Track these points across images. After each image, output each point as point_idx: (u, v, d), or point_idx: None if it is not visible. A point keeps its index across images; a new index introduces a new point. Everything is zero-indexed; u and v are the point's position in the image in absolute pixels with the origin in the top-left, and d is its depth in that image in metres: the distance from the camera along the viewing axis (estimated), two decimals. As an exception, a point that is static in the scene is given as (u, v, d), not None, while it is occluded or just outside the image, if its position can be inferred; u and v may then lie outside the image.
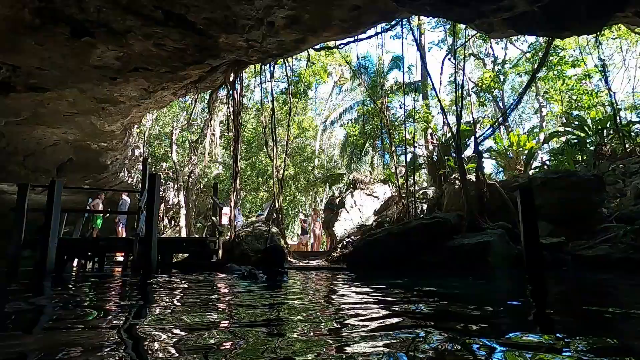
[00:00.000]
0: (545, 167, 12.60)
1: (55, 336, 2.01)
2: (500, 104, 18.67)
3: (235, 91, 10.48)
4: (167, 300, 3.41)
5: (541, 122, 19.33)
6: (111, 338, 1.87)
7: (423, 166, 13.53)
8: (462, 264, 5.90)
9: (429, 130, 12.27)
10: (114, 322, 2.38)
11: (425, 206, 9.81)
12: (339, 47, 10.52)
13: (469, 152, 11.93)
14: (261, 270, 4.76)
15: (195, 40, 7.66)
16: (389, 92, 14.34)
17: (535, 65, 11.05)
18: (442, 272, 5.65)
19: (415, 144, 12.19)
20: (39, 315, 2.85)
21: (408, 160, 10.88)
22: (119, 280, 6.14)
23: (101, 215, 12.46)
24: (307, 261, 9.04)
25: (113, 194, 13.34)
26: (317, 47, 9.89)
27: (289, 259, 8.80)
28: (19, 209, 7.60)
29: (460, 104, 8.29)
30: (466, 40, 10.32)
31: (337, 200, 11.75)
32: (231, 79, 10.48)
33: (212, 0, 6.65)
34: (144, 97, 10.14)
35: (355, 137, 16.28)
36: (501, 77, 13.60)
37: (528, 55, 15.59)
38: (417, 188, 11.18)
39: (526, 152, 11.71)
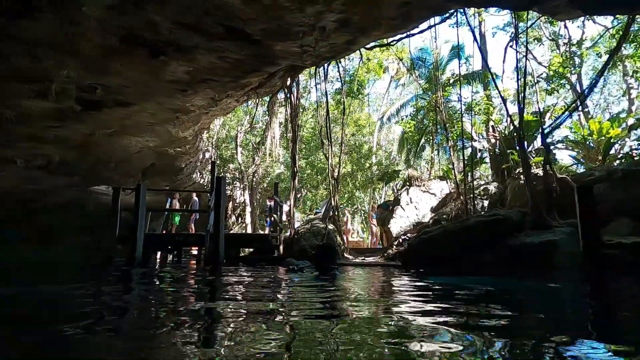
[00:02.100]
0: (634, 157, 11.15)
1: (151, 306, 2.49)
2: (579, 88, 16.81)
3: (292, 94, 10.97)
4: (232, 285, 3.88)
5: (630, 105, 17.00)
6: (191, 310, 2.28)
7: (485, 160, 12.79)
8: (524, 264, 5.61)
9: (491, 123, 11.56)
10: (191, 300, 2.83)
11: (486, 203, 9.33)
12: (391, 43, 10.44)
13: (539, 144, 11.03)
14: (314, 266, 5.06)
15: (253, 50, 8.22)
16: (447, 84, 13.76)
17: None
18: (501, 272, 5.43)
19: (476, 138, 11.59)
20: (135, 293, 3.45)
21: (467, 155, 10.41)
22: (193, 271, 6.94)
23: (179, 213, 13.90)
24: (362, 258, 9.19)
25: (187, 194, 14.75)
26: (369, 45, 9.94)
27: (345, 255, 9.04)
28: (114, 209, 8.87)
29: (522, 94, 7.77)
30: (529, 25, 9.53)
31: (393, 197, 11.65)
32: (288, 83, 10.98)
33: (267, 12, 7.09)
34: (211, 105, 11.11)
35: (410, 133, 15.90)
36: (577, 59, 12.29)
37: (612, 31, 13.84)
38: (477, 184, 10.66)
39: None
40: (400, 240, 8.92)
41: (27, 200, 12.48)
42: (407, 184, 11.84)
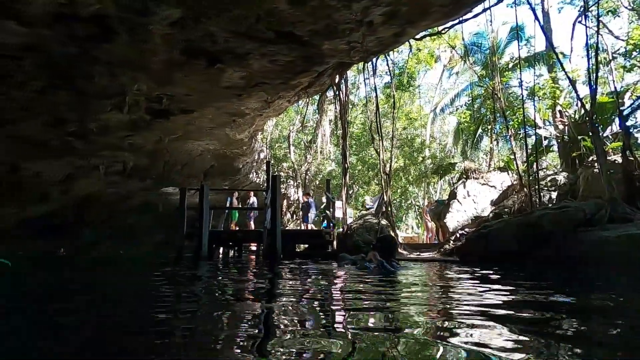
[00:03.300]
0: None
1: (217, 291, 2.75)
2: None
3: (340, 92, 11.05)
4: (290, 275, 4.12)
5: None
6: (254, 295, 2.49)
7: (552, 149, 11.75)
8: (600, 261, 5.14)
9: (558, 108, 10.59)
10: (254, 288, 3.07)
11: (554, 194, 8.61)
12: (442, 32, 10.03)
13: (617, 127, 9.88)
14: (371, 260, 5.10)
15: (302, 51, 8.43)
16: (505, 69, 12.82)
17: None
18: (572, 269, 5.03)
19: (541, 125, 10.70)
20: (204, 281, 3.81)
21: (531, 143, 9.65)
22: (253, 264, 7.36)
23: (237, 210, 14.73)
24: (417, 253, 9.02)
25: (244, 193, 15.56)
26: (418, 35, 9.66)
27: (399, 250, 8.93)
28: (181, 208, 9.66)
29: (595, 73, 7.06)
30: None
31: (449, 191, 11.20)
32: (336, 80, 11.08)
33: (314, 13, 7.23)
34: (265, 107, 11.59)
35: (466, 124, 15.08)
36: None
37: None
38: (543, 174, 9.86)
39: None
40: (458, 235, 8.59)
41: (109, 203, 14.04)
42: (464, 176, 11.30)
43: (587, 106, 7.30)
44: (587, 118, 7.80)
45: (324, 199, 12.57)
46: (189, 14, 6.52)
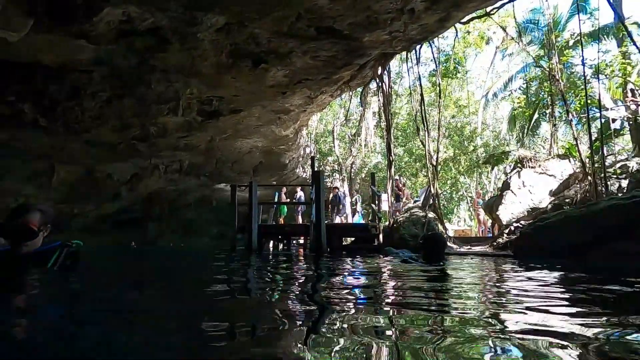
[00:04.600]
0: None
1: (265, 284, 2.95)
2: None
3: (383, 83, 10.88)
4: (333, 268, 4.27)
5: None
6: (299, 285, 2.64)
7: (623, 132, 10.55)
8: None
9: (629, 86, 9.47)
10: (300, 278, 3.23)
11: (624, 183, 7.78)
12: (491, 12, 9.42)
13: None
14: (415, 255, 5.04)
15: (342, 45, 8.45)
16: (566, 47, 11.70)
17: None
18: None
19: (608, 106, 9.67)
20: (254, 271, 4.08)
21: (597, 127, 8.78)
22: (301, 257, 7.62)
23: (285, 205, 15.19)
24: (468, 247, 8.69)
25: (292, 187, 15.99)
26: (465, 19, 9.18)
27: (449, 244, 8.67)
28: (232, 203, 10.21)
29: (673, 46, 6.25)
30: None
31: (502, 181, 10.56)
32: (379, 72, 10.92)
33: (354, 5, 7.20)
34: (308, 103, 11.80)
35: (521, 109, 14.00)
36: None
37: None
38: (612, 160, 8.94)
39: None
40: (512, 228, 8.12)
41: (170, 199, 15.21)
42: (519, 165, 10.56)
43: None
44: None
45: (353, 193, 12.49)
46: (233, 19, 6.84)
